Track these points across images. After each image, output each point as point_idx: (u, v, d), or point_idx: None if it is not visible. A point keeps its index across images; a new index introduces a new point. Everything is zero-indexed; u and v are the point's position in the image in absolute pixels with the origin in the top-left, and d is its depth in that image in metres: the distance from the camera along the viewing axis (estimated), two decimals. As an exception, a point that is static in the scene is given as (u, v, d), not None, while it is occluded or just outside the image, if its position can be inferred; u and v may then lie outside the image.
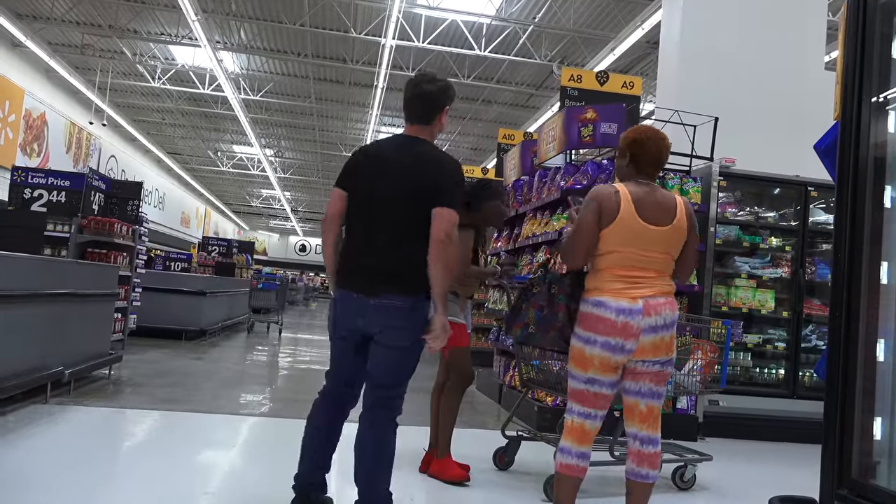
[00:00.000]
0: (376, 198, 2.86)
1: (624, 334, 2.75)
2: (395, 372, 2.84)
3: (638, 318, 2.76)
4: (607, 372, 2.82)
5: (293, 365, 8.79)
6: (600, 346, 2.78)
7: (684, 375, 4.08)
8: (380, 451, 2.79)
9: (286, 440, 4.59)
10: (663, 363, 2.86)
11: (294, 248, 51.27)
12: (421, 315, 2.81)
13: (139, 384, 6.17)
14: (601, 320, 2.78)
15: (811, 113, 7.76)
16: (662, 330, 2.79)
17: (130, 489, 3.29)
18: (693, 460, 4.14)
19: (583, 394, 2.86)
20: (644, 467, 2.88)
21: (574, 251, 2.90)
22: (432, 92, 2.96)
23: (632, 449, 2.92)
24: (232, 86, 17.45)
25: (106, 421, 4.67)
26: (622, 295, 2.79)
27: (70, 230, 7.58)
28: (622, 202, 2.81)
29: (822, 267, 6.37)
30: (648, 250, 2.83)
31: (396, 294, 2.77)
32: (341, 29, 14.15)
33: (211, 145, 26.95)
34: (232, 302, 13.07)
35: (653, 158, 2.96)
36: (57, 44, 16.49)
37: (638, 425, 2.91)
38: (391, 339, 2.79)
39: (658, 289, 2.84)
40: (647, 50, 13.98)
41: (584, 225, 2.84)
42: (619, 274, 2.82)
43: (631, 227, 2.80)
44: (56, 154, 17.42)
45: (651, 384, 2.87)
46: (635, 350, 2.78)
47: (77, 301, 5.35)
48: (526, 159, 7.00)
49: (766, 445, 5.70)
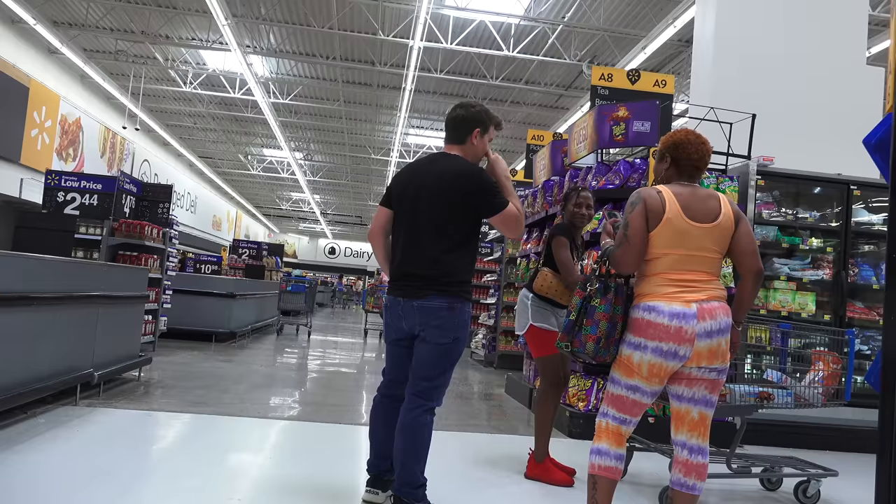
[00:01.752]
0: (409, 210, 3.20)
1: (678, 339, 2.68)
2: (433, 366, 3.10)
3: (692, 322, 2.68)
4: (654, 380, 2.75)
5: (322, 368, 8.76)
6: (651, 352, 2.72)
7: (805, 387, 3.94)
8: (414, 436, 3.04)
9: (316, 445, 4.58)
10: (720, 371, 2.78)
11: (324, 250, 51.58)
12: (458, 314, 3.09)
13: (168, 386, 6.19)
14: (652, 325, 2.72)
15: (853, 109, 7.57)
16: (717, 335, 2.72)
17: (158, 492, 3.25)
18: (817, 475, 4.01)
19: (621, 399, 2.81)
20: (692, 478, 2.78)
21: (627, 256, 2.83)
22: (462, 115, 3.31)
23: (679, 458, 2.83)
24: (261, 89, 17.57)
25: (134, 423, 4.66)
26: (675, 299, 2.72)
27: (102, 233, 7.66)
28: (667, 202, 2.78)
29: (866, 269, 6.14)
30: (699, 250, 2.78)
31: (433, 296, 3.07)
32: (369, 31, 14.15)
33: (241, 149, 27.21)
34: (261, 304, 13.13)
35: (694, 161, 2.92)
36: (91, 50, 16.77)
37: (688, 434, 2.82)
38: (432, 337, 3.08)
39: (711, 293, 2.77)
40: (678, 48, 13.75)
41: (634, 228, 2.80)
42: (671, 278, 2.77)
43: (679, 227, 2.76)
44: (91, 159, 17.70)
45: (706, 391, 2.79)
46: (691, 356, 2.71)
47: (107, 303, 5.37)
48: (556, 159, 6.87)
49: (808, 454, 5.50)
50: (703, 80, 7.71)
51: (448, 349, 3.10)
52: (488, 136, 3.35)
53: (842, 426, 5.71)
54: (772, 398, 3.87)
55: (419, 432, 3.05)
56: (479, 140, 3.32)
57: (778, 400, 3.89)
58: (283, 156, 26.23)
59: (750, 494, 4.19)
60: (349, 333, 15.56)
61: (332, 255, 51.45)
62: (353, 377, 8.17)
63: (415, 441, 3.05)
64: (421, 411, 3.08)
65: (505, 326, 10.18)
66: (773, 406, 3.90)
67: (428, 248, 3.12)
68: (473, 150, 3.33)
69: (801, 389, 3.93)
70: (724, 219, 2.81)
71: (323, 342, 12.66)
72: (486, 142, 3.35)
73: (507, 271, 10.29)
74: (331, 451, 4.46)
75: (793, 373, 4.15)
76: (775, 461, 4.19)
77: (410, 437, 3.05)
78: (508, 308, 10.05)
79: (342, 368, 8.86)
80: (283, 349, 10.72)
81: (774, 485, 4.28)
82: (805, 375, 4.01)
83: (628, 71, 7.97)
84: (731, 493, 4.17)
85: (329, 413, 5.71)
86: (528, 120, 19.52)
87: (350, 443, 4.70)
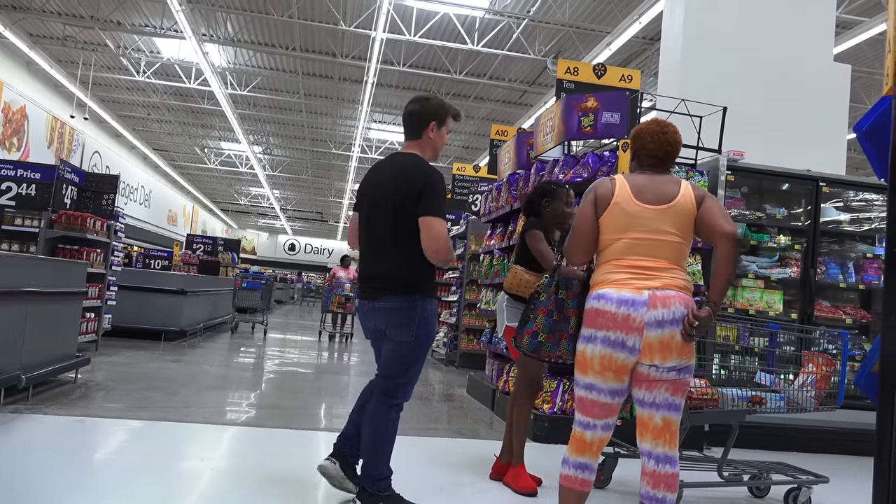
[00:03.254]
0: (366, 212, 3.26)
1: (625, 328, 2.48)
2: (396, 363, 3.15)
3: (641, 309, 2.48)
4: (608, 374, 2.54)
5: (277, 368, 8.40)
6: (601, 343, 2.53)
7: (796, 390, 3.77)
8: (377, 431, 3.13)
9: (268, 453, 4.22)
10: (680, 370, 2.54)
11: (284, 247, 50.77)
12: (418, 311, 3.09)
13: (108, 389, 5.78)
14: (600, 313, 2.54)
15: (820, 106, 7.52)
16: (670, 325, 2.48)
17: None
18: (808, 482, 3.85)
19: (582, 400, 2.62)
20: (661, 490, 2.54)
21: (573, 244, 2.74)
22: (416, 110, 3.28)
23: (646, 469, 2.59)
24: (218, 80, 17.01)
25: (63, 431, 4.28)
26: (626, 286, 2.53)
27: (39, 225, 7.19)
28: (618, 187, 2.66)
29: (833, 267, 6.06)
30: (653, 233, 2.58)
31: (391, 297, 3.10)
32: (330, 21, 13.77)
33: (198, 142, 26.46)
34: (215, 301, 12.67)
35: (651, 151, 2.76)
36: (38, 35, 16.02)
37: (652, 442, 2.58)
38: (393, 335, 3.13)
39: (667, 281, 2.55)
40: (643, 45, 13.70)
41: (580, 216, 2.71)
42: (623, 264, 2.59)
43: (628, 210, 2.61)
44: (37, 149, 16.94)
45: (668, 394, 2.55)
46: (641, 349, 2.49)
47: (37, 300, 4.96)
48: (522, 153, 6.65)
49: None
50: (672, 75, 7.57)
51: (410, 347, 3.12)
52: (445, 127, 3.33)
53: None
54: (764, 402, 3.71)
55: (382, 428, 3.13)
56: (437, 133, 3.29)
57: (770, 404, 3.73)
58: (242, 149, 25.57)
59: (738, 502, 4.02)
60: (307, 332, 15.16)
61: (292, 251, 50.70)
62: (311, 378, 7.84)
63: (377, 436, 3.12)
64: (385, 408, 3.15)
65: (467, 324, 9.95)
66: (766, 411, 3.74)
67: (383, 249, 3.16)
68: (432, 144, 3.30)
69: (793, 393, 3.76)
70: (683, 200, 2.62)
71: (280, 341, 12.26)
72: (443, 134, 3.33)
73: (470, 268, 10.06)
74: (282, 461, 4.13)
75: (784, 375, 3.98)
76: (764, 467, 4.04)
77: (374, 431, 3.13)
78: (470, 306, 9.82)
79: (299, 369, 8.51)
80: (237, 348, 10.31)
81: (762, 492, 4.11)
82: (795, 378, 3.86)
83: (594, 65, 7.78)
84: (716, 501, 3.99)
85: (282, 418, 5.38)
86: (492, 116, 19.33)
87: (303, 451, 4.39)
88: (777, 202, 6.19)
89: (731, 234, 2.54)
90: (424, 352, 3.17)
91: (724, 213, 2.63)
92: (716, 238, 2.59)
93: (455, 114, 3.37)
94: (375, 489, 3.11)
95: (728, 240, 2.54)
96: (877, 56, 13.39)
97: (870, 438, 2.07)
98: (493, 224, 7.44)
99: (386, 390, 3.17)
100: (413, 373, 3.18)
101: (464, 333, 9.99)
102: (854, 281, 6.00)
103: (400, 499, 3.18)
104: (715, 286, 2.58)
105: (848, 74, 7.66)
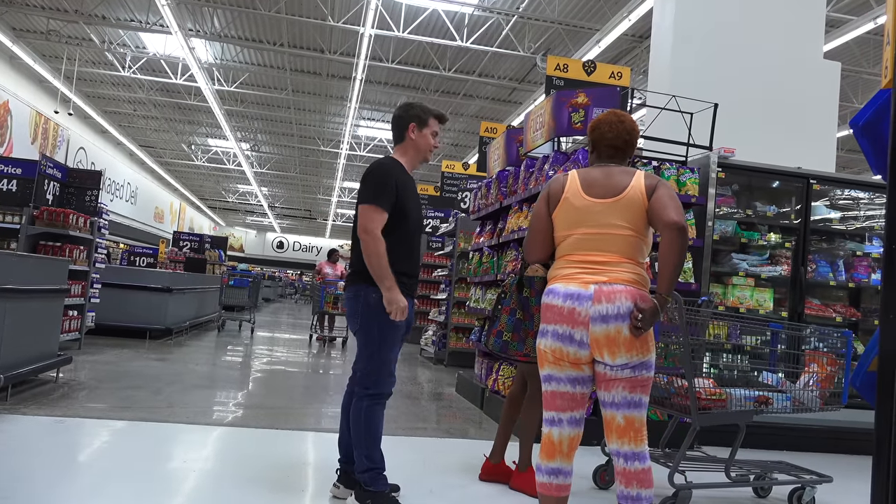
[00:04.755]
0: None
1: (570, 321, 2.48)
2: (359, 351, 3.27)
3: (586, 304, 2.46)
4: (563, 364, 2.53)
5: (263, 367, 8.30)
6: (551, 336, 2.54)
7: (800, 390, 3.74)
8: (355, 419, 3.20)
9: (253, 453, 4.13)
10: (634, 367, 2.49)
11: (272, 244, 50.51)
12: (363, 301, 3.18)
13: (91, 388, 5.67)
14: (549, 308, 2.55)
15: (810, 103, 7.51)
16: (615, 320, 2.44)
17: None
18: (812, 482, 3.81)
19: (545, 396, 2.61)
20: (634, 487, 2.51)
21: (529, 242, 2.77)
22: (397, 115, 3.43)
23: (617, 468, 2.56)
24: (205, 76, 16.85)
25: (42, 432, 4.17)
26: (573, 280, 2.53)
27: (21, 221, 7.06)
28: (569, 183, 2.66)
29: (823, 265, 6.04)
30: (602, 227, 2.57)
31: (348, 286, 3.31)
32: (318, 17, 13.65)
33: (185, 138, 26.22)
34: (201, 299, 12.53)
35: (609, 140, 2.74)
36: (21, 29, 15.79)
37: (618, 441, 2.54)
38: (351, 325, 3.31)
39: (616, 275, 2.51)
40: (632, 43, 13.69)
41: (536, 213, 2.72)
42: (574, 259, 2.59)
43: (577, 205, 2.60)
44: (20, 144, 16.70)
45: (626, 392, 2.51)
46: (589, 343, 2.47)
47: (16, 297, 4.85)
48: (511, 149, 6.58)
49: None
50: (661, 73, 7.53)
51: (363, 335, 3.22)
52: (428, 129, 3.40)
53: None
54: (770, 402, 3.69)
55: (357, 419, 3.19)
56: (418, 133, 3.38)
57: (776, 405, 3.71)
58: (229, 146, 25.37)
59: (741, 502, 3.99)
60: (296, 329, 15.04)
61: (281, 249, 50.46)
62: (298, 377, 7.75)
63: (359, 428, 3.18)
64: (357, 398, 3.22)
65: (456, 323, 9.89)
66: (772, 411, 3.72)
67: (354, 244, 3.30)
68: (414, 145, 3.40)
69: (797, 392, 3.74)
70: (632, 191, 2.57)
71: (267, 339, 12.15)
72: (425, 135, 3.40)
73: (459, 266, 9.99)
74: (268, 461, 4.05)
75: (789, 374, 3.96)
76: (767, 467, 4.01)
77: (356, 423, 3.20)
78: (460, 304, 9.76)
79: (289, 368, 8.42)
80: (223, 346, 10.19)
81: (766, 491, 4.09)
82: (799, 378, 3.84)
83: (584, 62, 7.74)
84: (718, 501, 3.95)
85: (267, 418, 5.29)
86: (481, 114, 19.27)
87: (290, 451, 4.31)
88: (767, 200, 6.17)
89: (675, 222, 2.46)
90: (380, 340, 3.18)
91: (675, 203, 2.53)
92: (660, 227, 2.52)
93: (438, 115, 3.44)
94: (363, 482, 3.17)
95: (671, 229, 2.46)
96: (864, 54, 13.44)
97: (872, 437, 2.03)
98: (482, 221, 7.38)
99: (358, 380, 3.26)
100: (378, 362, 3.20)
101: (453, 332, 9.93)
102: (844, 279, 5.99)
103: (390, 498, 3.17)
104: (661, 277, 2.50)
105: (838, 72, 7.65)
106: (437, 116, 3.44)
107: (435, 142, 3.44)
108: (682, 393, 3.57)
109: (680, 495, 3.43)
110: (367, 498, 3.14)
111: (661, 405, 3.75)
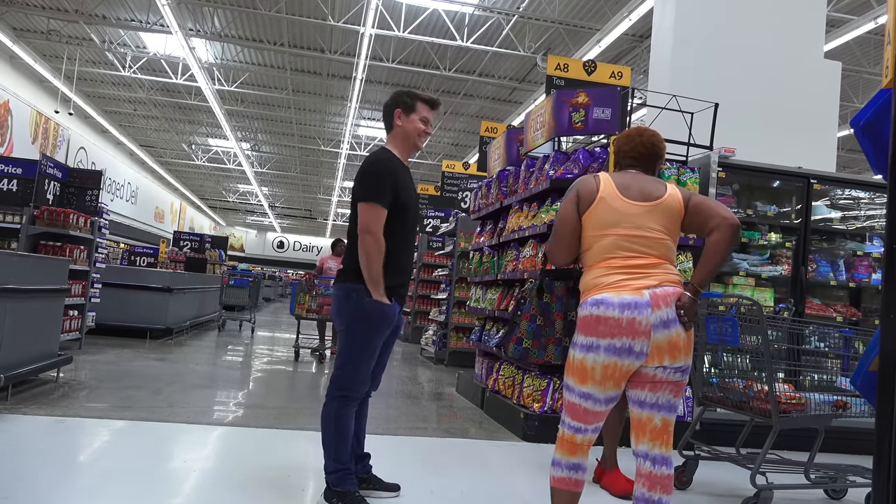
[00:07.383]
0: None
1: (632, 333, 2.38)
2: (340, 351, 3.17)
3: (645, 311, 2.39)
4: (608, 384, 2.45)
5: (264, 367, 8.30)
6: (605, 352, 2.41)
7: None
8: (327, 421, 3.16)
9: (254, 453, 4.13)
10: (684, 370, 2.49)
11: (272, 244, 50.52)
12: (352, 301, 3.10)
13: (91, 388, 5.67)
14: (602, 321, 2.42)
15: (810, 103, 7.50)
16: (675, 324, 2.42)
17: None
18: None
19: (575, 407, 2.52)
20: (657, 492, 2.49)
21: (556, 245, 2.67)
22: (385, 103, 3.37)
23: (642, 470, 2.53)
24: (205, 75, 16.86)
25: (42, 432, 4.17)
26: (624, 287, 2.43)
27: (21, 221, 7.06)
28: (602, 184, 2.61)
29: (823, 265, 6.04)
30: (640, 228, 2.52)
31: (337, 284, 3.21)
32: (318, 17, 13.66)
33: (185, 138, 26.24)
34: (202, 299, 12.54)
35: (626, 152, 2.78)
36: (21, 29, 15.81)
37: (650, 443, 2.52)
38: (336, 323, 3.21)
39: (663, 277, 2.48)
40: (633, 43, 13.68)
41: (563, 216, 2.63)
42: (616, 265, 2.49)
43: (614, 206, 2.55)
44: (21, 144, 16.71)
45: (670, 395, 2.50)
46: (649, 352, 2.40)
47: (17, 297, 4.84)
48: (511, 149, 6.58)
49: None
50: (662, 72, 7.53)
51: (346, 335, 3.13)
52: (416, 114, 3.28)
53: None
54: (848, 406, 3.76)
55: (327, 420, 3.15)
56: (405, 119, 3.28)
57: (854, 409, 3.77)
58: (230, 146, 25.39)
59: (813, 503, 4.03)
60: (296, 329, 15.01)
61: (281, 248, 50.47)
62: (299, 376, 7.75)
63: (325, 429, 3.16)
64: (328, 399, 3.17)
65: (456, 322, 9.89)
66: (850, 415, 3.78)
67: (348, 241, 3.26)
68: (403, 132, 3.30)
69: None
70: (670, 199, 2.59)
71: (268, 339, 12.15)
72: (414, 120, 3.28)
73: (459, 266, 9.99)
74: (268, 461, 4.05)
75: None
76: (841, 470, 4.04)
77: (323, 425, 3.17)
78: (460, 304, 9.76)
79: (287, 367, 8.42)
80: (223, 346, 10.19)
81: (838, 493, 4.11)
82: None
83: (584, 61, 7.73)
84: (791, 503, 3.97)
85: (267, 418, 5.29)
86: (482, 114, 19.27)
87: (291, 451, 4.31)
88: (768, 199, 6.17)
89: (731, 218, 2.51)
90: (363, 344, 3.10)
91: (721, 205, 2.60)
92: (713, 224, 2.52)
93: (427, 99, 3.32)
94: (329, 483, 3.16)
95: (727, 225, 2.50)
96: (865, 54, 13.43)
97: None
98: (482, 221, 7.38)
99: (332, 380, 3.19)
100: (354, 367, 3.13)
101: (453, 331, 9.93)
102: (844, 279, 5.99)
103: (357, 498, 3.14)
104: (700, 270, 2.51)
105: (838, 72, 7.65)
106: (425, 101, 3.30)
107: (426, 128, 3.30)
108: (762, 397, 3.64)
109: (762, 496, 3.50)
110: (334, 497, 3.13)
111: (741, 409, 3.80)
